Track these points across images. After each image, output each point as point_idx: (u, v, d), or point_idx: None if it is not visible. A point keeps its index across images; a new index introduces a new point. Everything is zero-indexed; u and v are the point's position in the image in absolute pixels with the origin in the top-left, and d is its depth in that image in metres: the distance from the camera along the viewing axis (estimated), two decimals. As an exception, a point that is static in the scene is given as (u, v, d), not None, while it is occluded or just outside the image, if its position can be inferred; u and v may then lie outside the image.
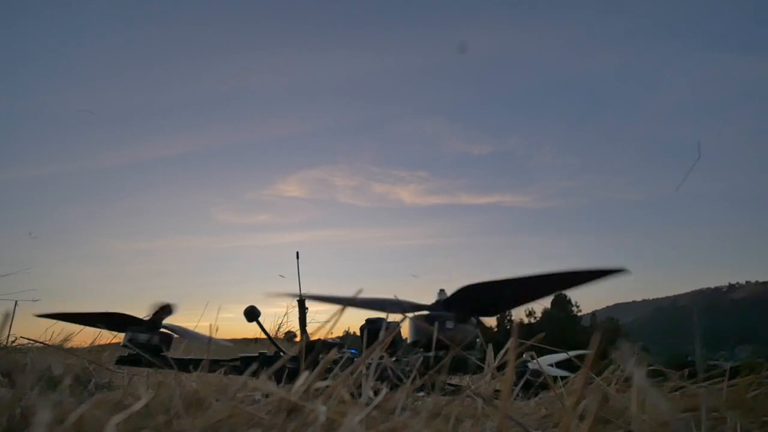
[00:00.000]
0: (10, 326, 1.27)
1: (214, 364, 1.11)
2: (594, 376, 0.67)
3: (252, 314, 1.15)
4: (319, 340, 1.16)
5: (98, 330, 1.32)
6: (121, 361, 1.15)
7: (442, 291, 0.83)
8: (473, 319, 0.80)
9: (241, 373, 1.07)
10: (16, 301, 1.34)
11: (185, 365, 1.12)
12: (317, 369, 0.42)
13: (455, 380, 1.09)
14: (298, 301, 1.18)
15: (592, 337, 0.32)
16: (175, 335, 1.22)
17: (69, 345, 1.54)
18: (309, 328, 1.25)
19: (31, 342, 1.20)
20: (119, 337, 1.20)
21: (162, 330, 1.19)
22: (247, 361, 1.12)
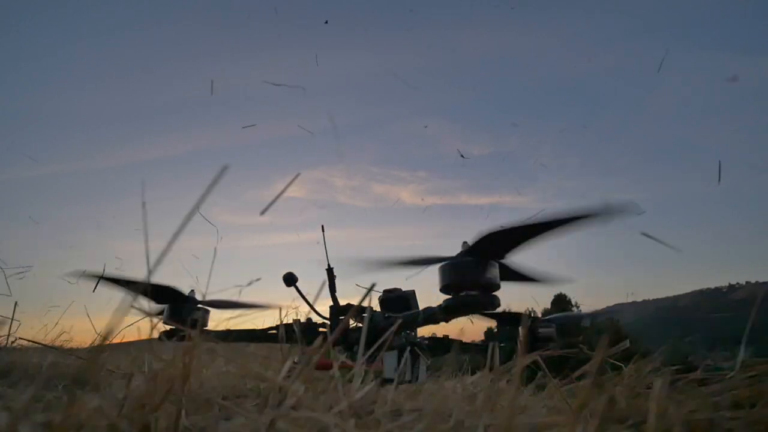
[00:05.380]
0: (10, 326, 1.27)
1: (251, 334, 1.23)
2: (607, 377, 0.67)
3: (290, 279, 1.21)
4: (349, 304, 1.25)
5: (98, 330, 1.32)
6: (163, 337, 1.20)
7: (465, 243, 0.88)
8: (494, 263, 0.86)
9: (277, 340, 1.21)
10: (15, 302, 1.34)
11: (224, 337, 1.21)
12: (336, 331, 0.44)
13: (453, 378, 1.09)
14: (326, 270, 1.26)
15: (599, 341, 0.32)
16: (213, 309, 1.27)
17: (69, 345, 1.54)
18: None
19: (31, 343, 1.20)
20: (119, 337, 1.20)
21: (200, 306, 1.25)
22: (287, 329, 1.17)
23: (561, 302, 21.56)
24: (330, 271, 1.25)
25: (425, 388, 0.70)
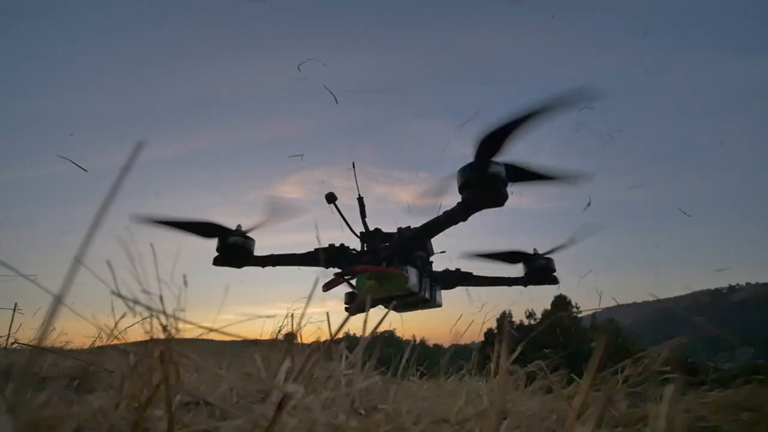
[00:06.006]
0: (10, 328, 1.26)
1: (292, 257, 1.43)
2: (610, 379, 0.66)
3: (331, 197, 1.39)
4: (377, 229, 1.42)
5: (98, 331, 1.32)
6: (216, 262, 1.40)
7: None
8: (500, 162, 1.02)
9: (317, 264, 1.42)
10: (15, 303, 1.33)
11: (269, 261, 1.43)
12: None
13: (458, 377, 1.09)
14: (357, 199, 1.43)
15: (596, 341, 0.32)
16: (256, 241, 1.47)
17: (69, 347, 1.53)
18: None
19: (29, 345, 1.20)
20: (119, 338, 1.20)
21: (248, 235, 1.43)
22: (329, 254, 1.38)
23: (560, 303, 21.55)
24: (360, 200, 1.42)
25: (425, 387, 0.70)
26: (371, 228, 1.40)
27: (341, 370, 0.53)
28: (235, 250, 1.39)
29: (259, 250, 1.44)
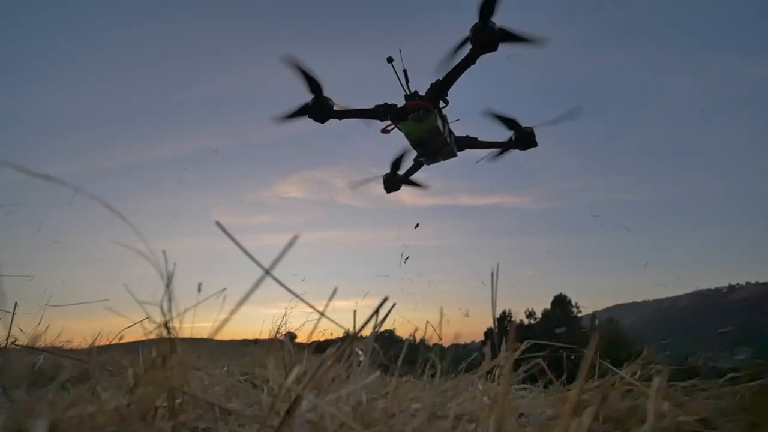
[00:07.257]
0: (10, 328, 1.27)
1: (360, 111, 2.09)
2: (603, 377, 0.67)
3: (390, 59, 1.93)
4: (416, 91, 1.99)
5: (98, 331, 1.33)
6: (309, 116, 2.12)
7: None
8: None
9: (376, 117, 2.12)
10: (15, 303, 1.34)
11: (343, 115, 2.09)
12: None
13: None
14: (403, 71, 2.04)
15: (590, 339, 0.32)
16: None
17: (69, 346, 1.54)
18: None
19: (29, 346, 1.20)
20: (119, 338, 1.21)
21: (328, 97, 2.08)
22: (383, 108, 2.02)
23: (561, 303, 21.56)
24: (405, 72, 1.97)
25: (426, 386, 0.70)
26: (412, 92, 1.97)
27: (345, 368, 0.53)
28: (320, 107, 2.04)
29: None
